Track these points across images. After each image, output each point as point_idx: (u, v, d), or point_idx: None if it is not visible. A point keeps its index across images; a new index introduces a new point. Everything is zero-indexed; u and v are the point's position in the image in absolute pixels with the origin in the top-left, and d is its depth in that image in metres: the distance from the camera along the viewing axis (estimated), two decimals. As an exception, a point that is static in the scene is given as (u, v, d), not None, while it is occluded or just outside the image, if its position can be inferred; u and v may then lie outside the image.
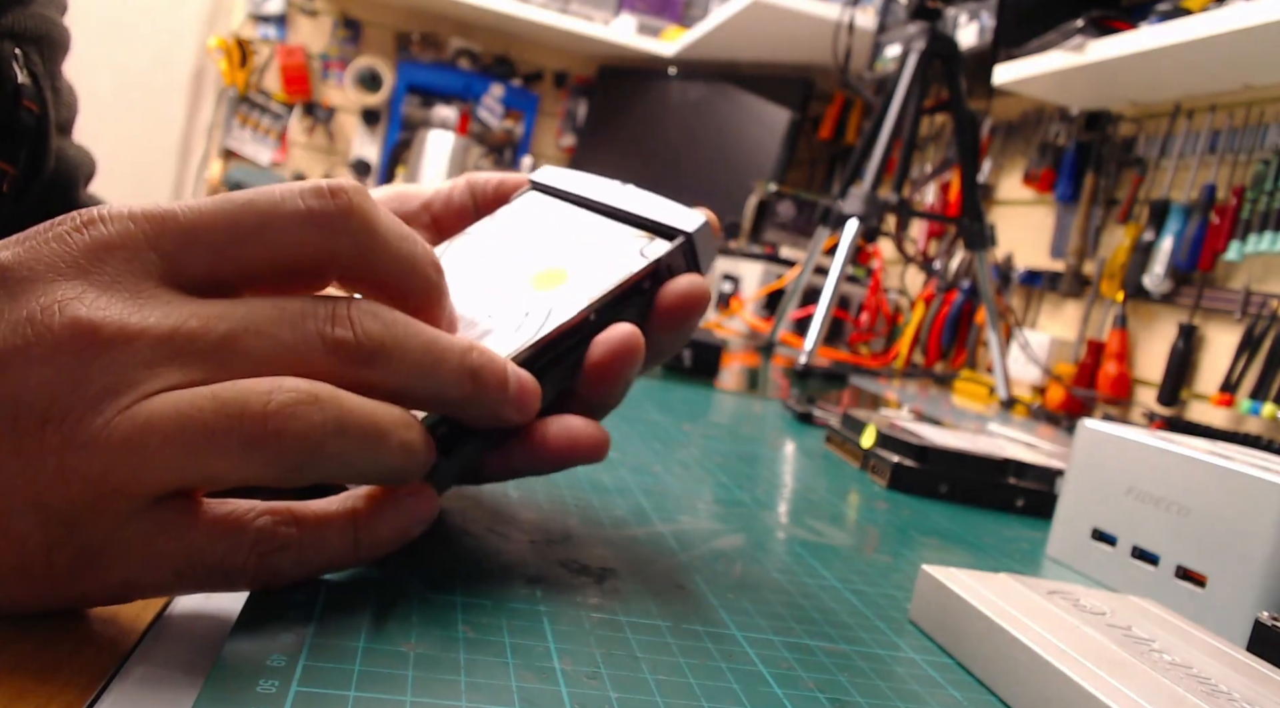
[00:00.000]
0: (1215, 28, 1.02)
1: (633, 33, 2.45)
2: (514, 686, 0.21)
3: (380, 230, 0.24)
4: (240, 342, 0.22)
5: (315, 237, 0.23)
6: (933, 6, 1.20)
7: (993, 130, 1.73)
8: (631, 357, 0.28)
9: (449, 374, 0.24)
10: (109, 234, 0.22)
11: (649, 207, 0.33)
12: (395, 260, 0.24)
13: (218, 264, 0.22)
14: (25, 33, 0.42)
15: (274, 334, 0.22)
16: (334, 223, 0.23)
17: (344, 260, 0.24)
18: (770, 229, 1.77)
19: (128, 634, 0.22)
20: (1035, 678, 0.24)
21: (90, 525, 0.20)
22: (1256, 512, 0.33)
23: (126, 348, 0.21)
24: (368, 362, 0.23)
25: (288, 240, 0.23)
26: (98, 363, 0.20)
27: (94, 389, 0.20)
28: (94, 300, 0.21)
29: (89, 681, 0.20)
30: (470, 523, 0.32)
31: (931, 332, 1.56)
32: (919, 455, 0.52)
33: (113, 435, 0.20)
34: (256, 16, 2.52)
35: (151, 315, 0.21)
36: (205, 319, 0.22)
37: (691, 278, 0.30)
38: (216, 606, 0.24)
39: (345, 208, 0.23)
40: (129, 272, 0.22)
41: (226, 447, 0.21)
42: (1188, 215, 1.24)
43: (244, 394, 0.21)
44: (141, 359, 0.21)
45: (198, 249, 0.22)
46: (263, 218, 0.23)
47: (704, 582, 0.30)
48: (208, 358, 0.21)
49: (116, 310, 0.21)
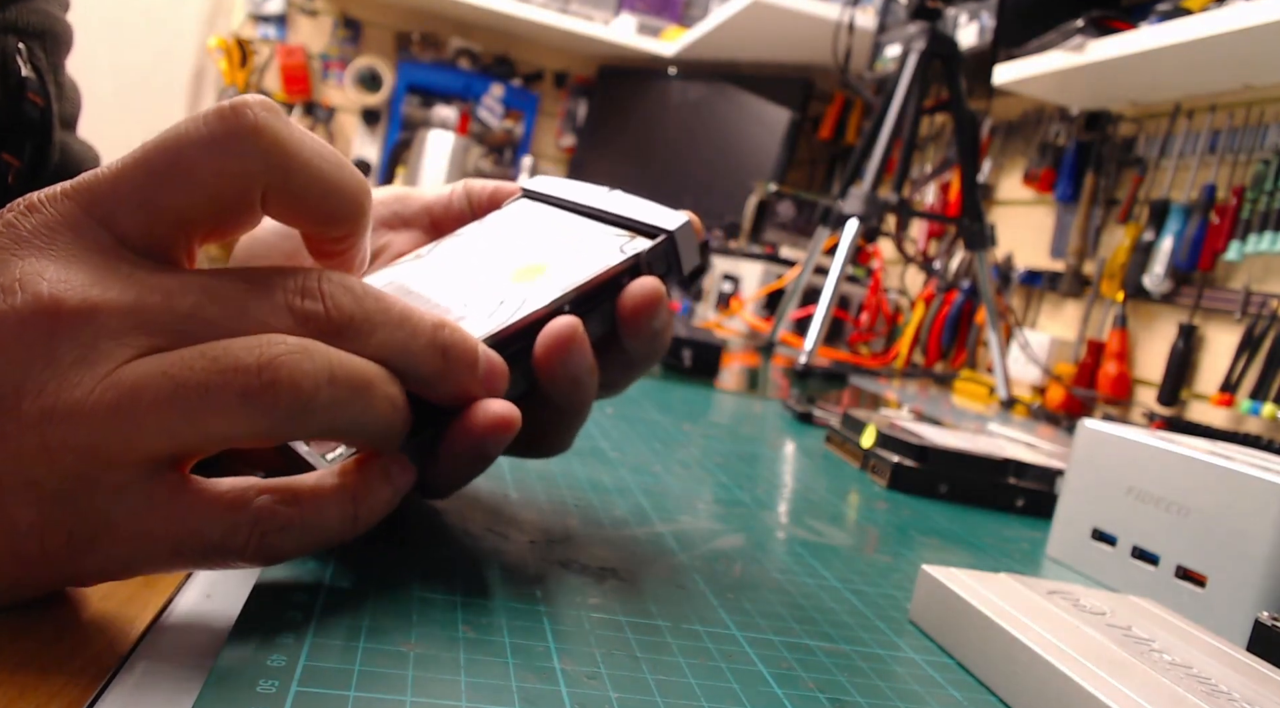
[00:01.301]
0: (1215, 28, 1.02)
1: (633, 33, 2.45)
2: (514, 686, 0.21)
3: (293, 146, 0.23)
4: (206, 312, 0.21)
5: (226, 162, 0.22)
6: (933, 6, 1.20)
7: (993, 130, 1.73)
8: (569, 346, 0.27)
9: (420, 349, 0.24)
10: (52, 215, 0.22)
11: (633, 208, 0.33)
12: (315, 180, 0.23)
13: (150, 217, 0.22)
14: (29, 27, 0.42)
15: (241, 306, 0.22)
16: (241, 143, 0.22)
17: (261, 181, 0.22)
18: (770, 229, 1.77)
19: (128, 634, 0.22)
20: (1035, 678, 0.24)
21: (83, 502, 0.20)
22: (1256, 512, 0.33)
23: (92, 320, 0.20)
24: (338, 334, 0.23)
25: (202, 173, 0.22)
26: (65, 337, 0.20)
27: (65, 363, 0.20)
28: (54, 275, 0.21)
29: (89, 680, 0.20)
30: (470, 523, 0.32)
31: (931, 332, 1.56)
32: (919, 455, 0.52)
33: (98, 403, 0.20)
34: (256, 16, 2.52)
35: (112, 289, 0.21)
36: (168, 292, 0.21)
37: (646, 280, 0.30)
38: (216, 606, 0.24)
39: (251, 126, 0.22)
40: (81, 246, 0.21)
41: (223, 402, 0.20)
42: (1188, 215, 1.24)
43: (233, 349, 0.21)
44: (108, 330, 0.20)
45: (127, 207, 0.22)
46: (171, 155, 0.22)
47: (704, 582, 0.30)
48: (174, 329, 0.21)
49: (77, 284, 0.21)
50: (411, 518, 0.32)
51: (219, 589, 0.25)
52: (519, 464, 0.41)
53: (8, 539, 0.20)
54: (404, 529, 0.30)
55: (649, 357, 0.31)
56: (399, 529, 0.30)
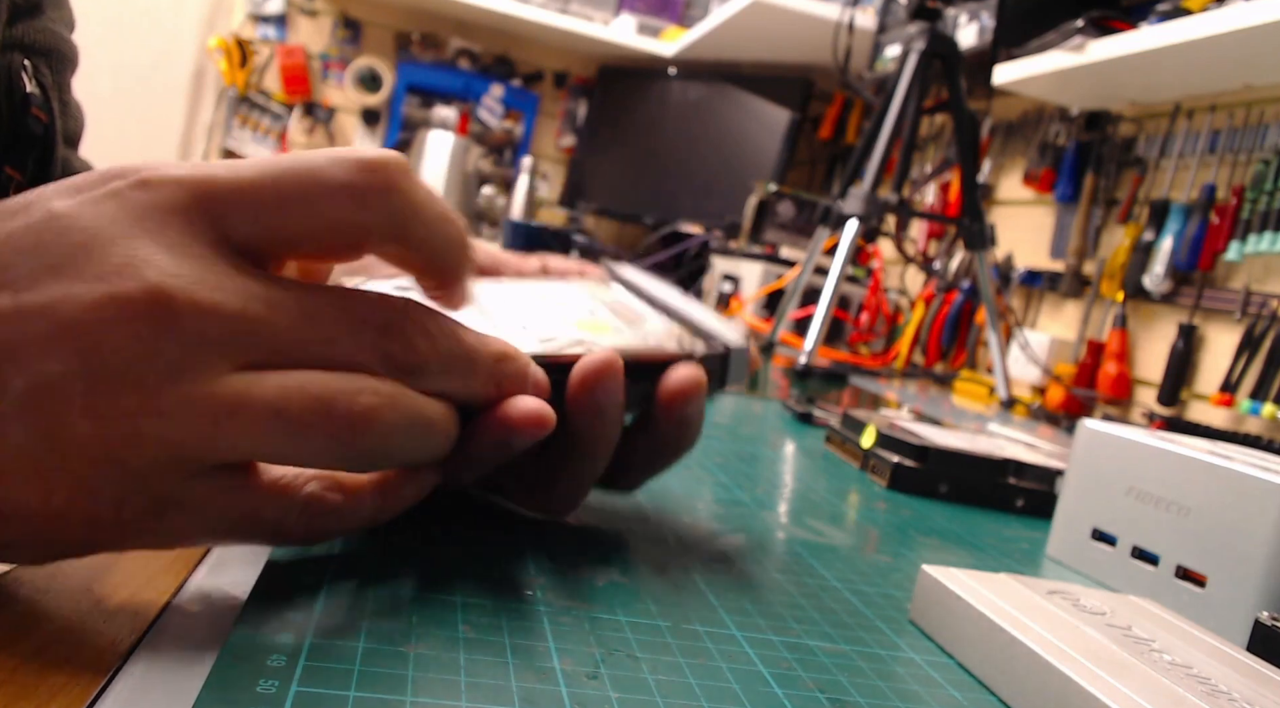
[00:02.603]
0: (1215, 28, 1.02)
1: (633, 33, 2.45)
2: (514, 686, 0.21)
3: (419, 210, 0.24)
4: (301, 335, 0.22)
5: (354, 211, 0.23)
6: (933, 6, 1.20)
7: (993, 130, 1.73)
8: (606, 373, 0.28)
9: (479, 384, 0.26)
10: (165, 199, 0.22)
11: (704, 316, 0.35)
12: (428, 241, 0.25)
13: (261, 231, 0.23)
14: (35, 45, 0.43)
15: (332, 335, 0.23)
16: (374, 199, 0.23)
17: (380, 235, 0.24)
18: (770, 229, 1.77)
19: (128, 634, 0.22)
20: (1035, 678, 0.25)
21: (159, 483, 0.21)
22: (1256, 512, 0.33)
23: (198, 323, 0.21)
24: (410, 373, 0.24)
25: (327, 212, 0.23)
26: (168, 336, 0.21)
27: (163, 360, 0.21)
28: (166, 266, 0.21)
29: (90, 680, 0.20)
30: (470, 523, 0.32)
31: (931, 332, 1.56)
32: (919, 455, 0.52)
33: (199, 413, 0.21)
34: (256, 16, 2.52)
35: (218, 292, 0.21)
36: (270, 305, 0.22)
37: (693, 367, 0.31)
38: (216, 606, 0.24)
39: (386, 185, 0.24)
40: (191, 237, 0.22)
41: (312, 438, 0.22)
42: (1188, 215, 1.24)
43: (333, 391, 0.22)
44: (209, 338, 0.21)
45: (244, 215, 0.23)
46: (303, 187, 0.23)
47: (704, 582, 0.30)
48: (270, 346, 0.22)
49: (186, 280, 0.21)
50: (413, 517, 0.32)
51: (219, 589, 0.25)
52: (519, 464, 0.41)
53: (89, 505, 0.21)
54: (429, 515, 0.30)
55: (673, 446, 0.32)
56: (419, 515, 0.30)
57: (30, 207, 0.22)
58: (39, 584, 0.24)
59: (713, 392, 0.33)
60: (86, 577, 0.25)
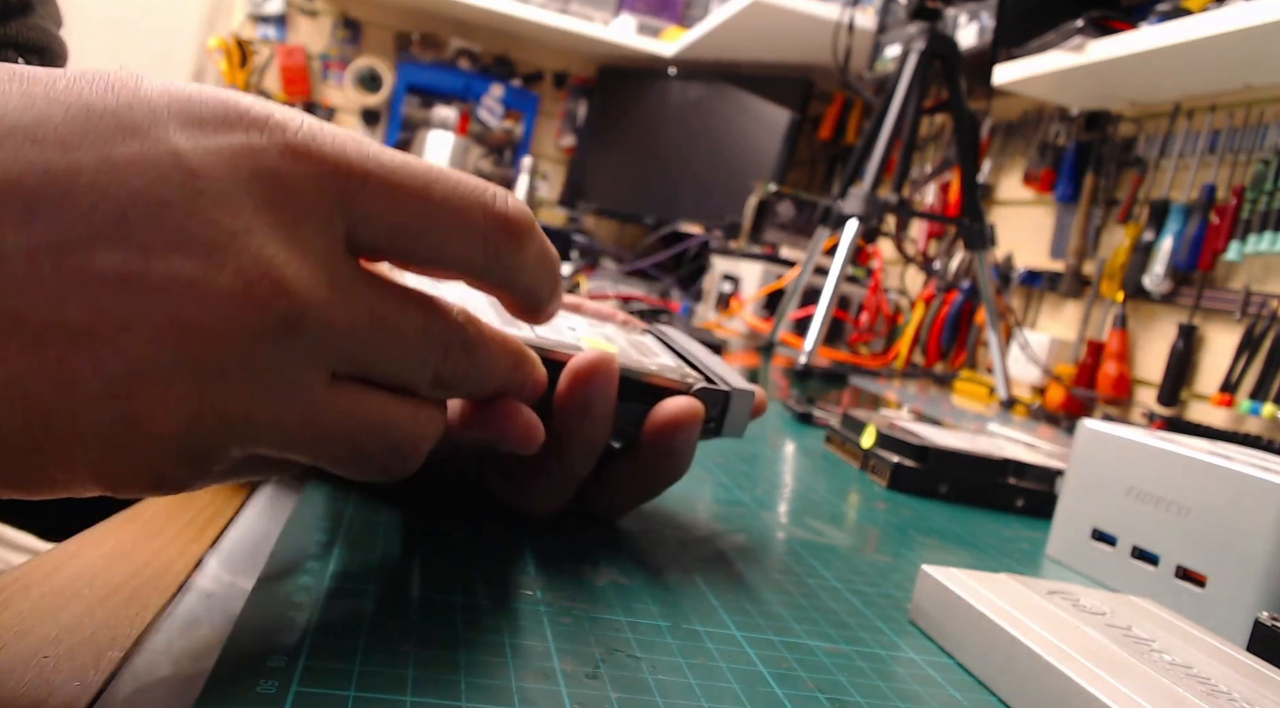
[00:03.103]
0: (1215, 28, 1.02)
1: (633, 33, 2.44)
2: (514, 686, 0.21)
3: (534, 266, 0.25)
4: (385, 352, 0.23)
5: (479, 255, 0.24)
6: (933, 6, 1.20)
7: (993, 130, 1.73)
8: (598, 370, 0.29)
9: (491, 389, 0.27)
10: (307, 181, 0.21)
11: (720, 368, 0.35)
12: (531, 290, 0.26)
13: (390, 246, 0.23)
14: (28, 43, 0.43)
15: (404, 356, 0.23)
16: (502, 257, 0.24)
17: (490, 281, 0.25)
18: (770, 229, 1.77)
19: (128, 634, 0.22)
20: (1035, 678, 0.25)
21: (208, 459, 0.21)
22: (1256, 512, 0.33)
23: (318, 340, 0.21)
24: (446, 390, 0.25)
25: (454, 247, 0.24)
26: (291, 345, 0.20)
27: (261, 359, 0.20)
28: (302, 275, 0.20)
29: (90, 680, 0.20)
30: (470, 523, 0.32)
31: (931, 332, 1.56)
32: (919, 455, 0.52)
33: (287, 412, 0.21)
34: (256, 17, 2.52)
35: (340, 306, 0.21)
36: (373, 321, 0.22)
37: (690, 400, 0.31)
38: (216, 606, 0.24)
39: (517, 247, 0.24)
40: (324, 235, 0.21)
41: (365, 464, 0.24)
42: (1188, 215, 1.24)
43: (403, 432, 0.24)
44: (324, 353, 0.21)
45: (383, 227, 0.22)
46: (448, 225, 0.23)
47: (704, 582, 0.30)
48: (357, 361, 0.22)
49: (319, 294, 0.21)
50: (413, 516, 0.32)
51: (219, 589, 0.25)
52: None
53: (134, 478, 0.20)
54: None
55: (658, 476, 0.32)
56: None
57: (139, 132, 0.19)
58: (40, 584, 0.24)
59: (708, 433, 0.32)
60: (88, 576, 0.25)
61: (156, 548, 0.28)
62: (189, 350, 0.19)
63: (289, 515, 0.30)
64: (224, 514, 0.31)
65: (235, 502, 0.32)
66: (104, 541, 0.28)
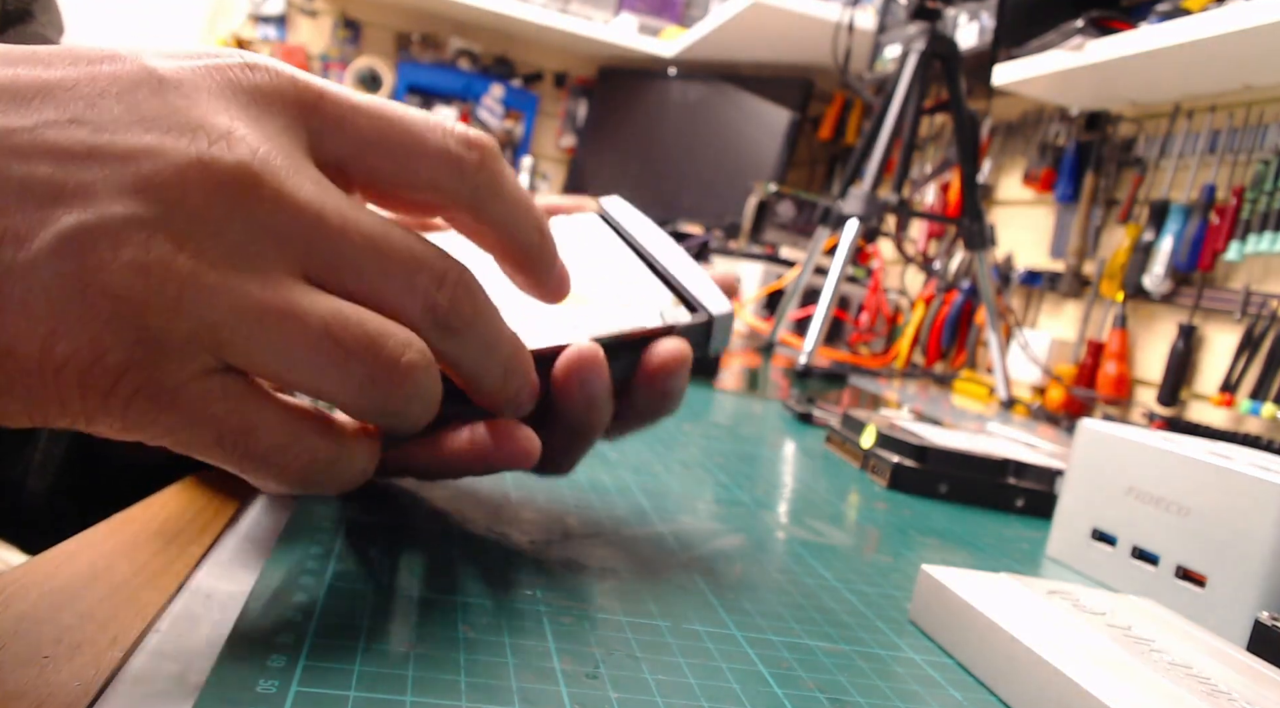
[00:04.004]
0: (1215, 28, 1.02)
1: (633, 33, 2.45)
2: (514, 686, 0.21)
3: (502, 190, 0.25)
4: (363, 260, 0.22)
5: (446, 178, 0.24)
6: (933, 7, 1.20)
7: (993, 130, 1.73)
8: (590, 370, 0.29)
9: (493, 367, 0.26)
10: (269, 86, 0.22)
11: (688, 275, 0.34)
12: (505, 220, 0.26)
13: (352, 159, 0.23)
14: None
15: (390, 272, 0.23)
16: (466, 172, 0.24)
17: (460, 204, 0.25)
18: (770, 229, 1.77)
19: (128, 634, 0.22)
20: (1035, 678, 0.24)
21: (170, 365, 0.20)
22: (1256, 512, 0.33)
23: (276, 212, 0.21)
24: (444, 333, 0.24)
25: (422, 171, 0.24)
26: (243, 217, 0.20)
27: (230, 238, 0.20)
28: (261, 150, 0.21)
29: (89, 680, 0.20)
30: (470, 523, 0.32)
31: (931, 332, 1.56)
32: (919, 455, 0.52)
33: (253, 307, 0.20)
34: (256, 17, 2.52)
35: (304, 188, 0.21)
36: (346, 221, 0.22)
37: (677, 343, 0.31)
38: (216, 606, 0.24)
39: (478, 162, 0.25)
40: (287, 132, 0.22)
41: (351, 373, 0.22)
42: (1188, 215, 1.24)
43: (386, 334, 0.22)
44: (283, 231, 0.21)
45: (342, 137, 0.23)
46: (407, 140, 0.24)
47: (704, 582, 0.30)
48: (332, 262, 0.22)
49: (278, 168, 0.21)
50: (413, 516, 0.32)
51: (219, 589, 0.25)
52: (519, 464, 0.41)
53: (89, 367, 0.20)
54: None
55: (658, 412, 0.32)
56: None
57: (120, 58, 0.21)
58: (40, 584, 0.24)
59: (697, 359, 0.32)
60: (87, 576, 0.25)
61: (156, 548, 0.28)
62: (143, 206, 0.19)
63: (289, 516, 0.30)
64: (224, 514, 0.31)
65: (235, 502, 0.32)
66: (104, 541, 0.28)
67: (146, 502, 0.32)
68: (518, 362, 0.26)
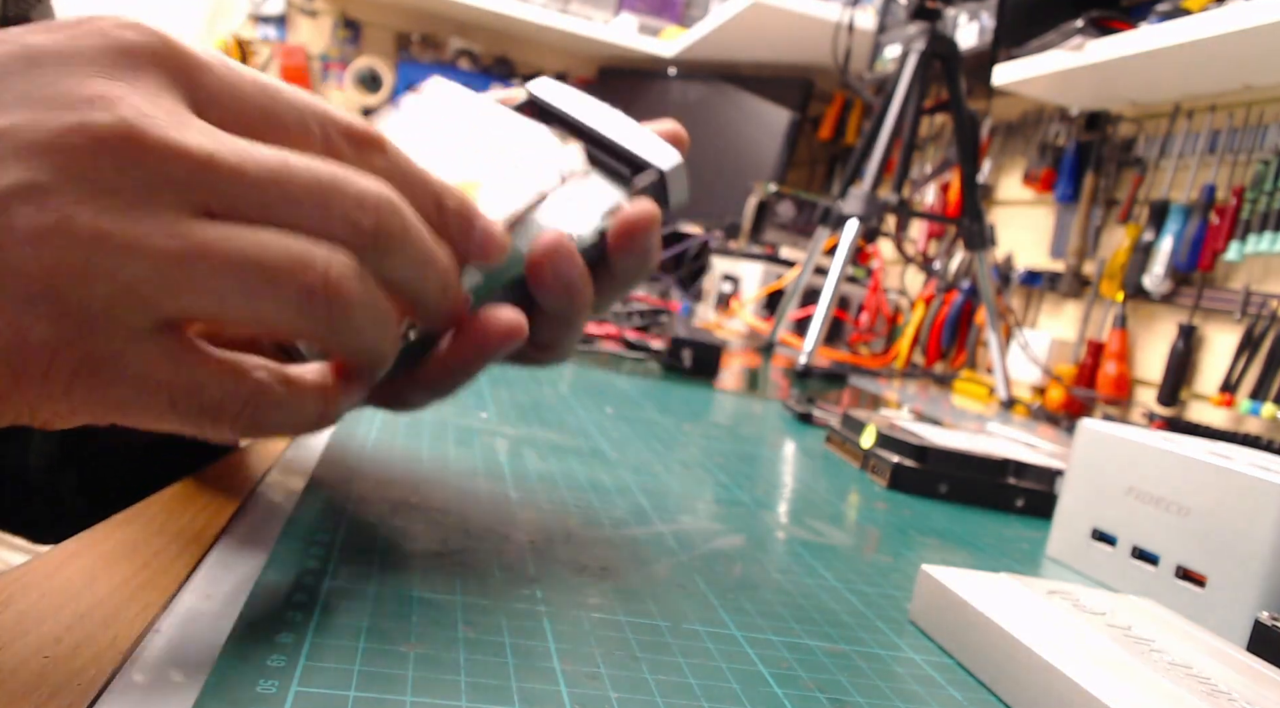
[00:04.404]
0: (1215, 28, 1.02)
1: (633, 33, 2.44)
2: (514, 686, 0.21)
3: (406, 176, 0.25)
4: (269, 197, 0.21)
5: (317, 135, 0.24)
6: (933, 7, 1.20)
7: (993, 130, 1.73)
8: (559, 253, 0.29)
9: (431, 284, 0.25)
10: (142, 44, 0.22)
11: (631, 136, 0.33)
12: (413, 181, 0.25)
13: (232, 124, 0.22)
14: None
15: (301, 201, 0.22)
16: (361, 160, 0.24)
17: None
18: (770, 229, 1.77)
19: (128, 634, 0.22)
20: (1035, 678, 0.24)
21: (101, 333, 0.20)
22: (1256, 512, 0.33)
23: (165, 161, 0.20)
24: (377, 252, 0.23)
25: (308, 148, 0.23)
26: (133, 171, 0.20)
27: (127, 195, 0.20)
28: (139, 105, 0.20)
29: (89, 680, 0.20)
30: (470, 523, 0.32)
31: (931, 332, 1.56)
32: (919, 455, 0.52)
33: (163, 249, 0.20)
34: (256, 17, 2.52)
35: (189, 134, 0.21)
36: (242, 158, 0.21)
37: (641, 204, 0.31)
38: (216, 606, 0.24)
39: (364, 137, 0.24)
40: (166, 89, 0.22)
41: (276, 298, 0.21)
42: (1188, 215, 1.24)
43: (302, 252, 0.21)
44: (177, 177, 0.20)
45: (214, 100, 0.22)
46: (280, 103, 0.23)
47: (704, 582, 0.30)
48: (237, 198, 0.21)
49: (160, 120, 0.20)
50: (413, 517, 0.32)
51: (219, 589, 0.25)
52: (519, 464, 0.41)
53: (16, 351, 0.19)
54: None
55: (637, 275, 0.32)
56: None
57: (2, 40, 0.21)
58: (40, 584, 0.24)
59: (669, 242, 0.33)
60: (88, 576, 0.25)
61: (156, 548, 0.28)
62: (30, 173, 0.19)
63: (289, 516, 0.30)
64: (224, 515, 0.31)
65: (235, 502, 0.32)
66: (104, 540, 0.28)
67: (146, 502, 0.32)
68: (452, 280, 0.26)
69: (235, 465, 0.37)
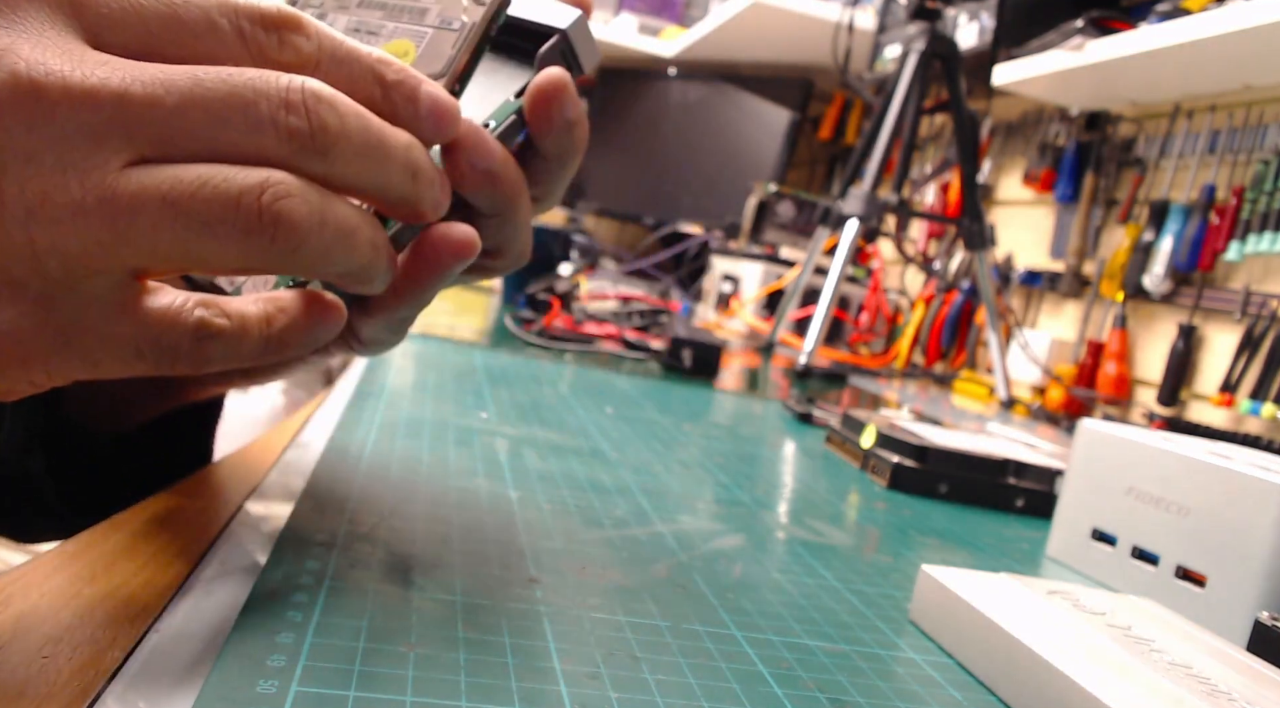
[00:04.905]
0: (1215, 28, 1.02)
1: (633, 33, 2.44)
2: (514, 686, 0.21)
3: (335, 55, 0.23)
4: (192, 117, 0.20)
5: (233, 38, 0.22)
6: (933, 7, 1.20)
7: (993, 130, 1.73)
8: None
9: (394, 172, 0.23)
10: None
11: (525, 5, 0.32)
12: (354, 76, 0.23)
13: (136, 46, 0.21)
14: None
15: (226, 117, 0.20)
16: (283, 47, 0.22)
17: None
18: (770, 229, 1.77)
19: (128, 634, 0.22)
20: (1035, 678, 0.24)
21: (63, 305, 0.20)
22: (1256, 512, 0.33)
23: (75, 112, 0.19)
24: (318, 157, 0.22)
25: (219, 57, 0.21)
26: (44, 131, 0.19)
27: (47, 160, 0.19)
28: (29, 54, 0.19)
29: (90, 680, 0.20)
30: (470, 523, 0.32)
31: (931, 332, 1.56)
32: (919, 455, 0.52)
33: (94, 213, 0.19)
34: (256, 17, 2.52)
35: (94, 76, 0.19)
36: (151, 89, 0.20)
37: (548, 73, 0.29)
38: (216, 606, 0.24)
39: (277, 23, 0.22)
40: (54, 27, 0.20)
41: (223, 235, 0.20)
42: (1188, 215, 1.24)
43: (239, 183, 0.20)
44: (93, 127, 0.19)
45: (125, 34, 0.21)
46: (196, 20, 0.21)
47: (704, 582, 0.30)
48: (160, 133, 0.20)
49: (56, 68, 0.19)
50: (413, 517, 0.32)
51: (219, 589, 0.25)
52: (519, 464, 0.41)
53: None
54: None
55: (568, 154, 0.31)
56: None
57: None
58: (40, 584, 0.24)
59: (574, 77, 0.31)
60: (88, 576, 0.25)
61: (156, 548, 0.28)
62: None
63: (289, 516, 0.30)
64: (224, 515, 0.31)
65: (235, 503, 0.32)
66: (104, 541, 0.28)
67: (145, 502, 0.32)
68: (418, 158, 0.24)
69: (235, 465, 0.37)
